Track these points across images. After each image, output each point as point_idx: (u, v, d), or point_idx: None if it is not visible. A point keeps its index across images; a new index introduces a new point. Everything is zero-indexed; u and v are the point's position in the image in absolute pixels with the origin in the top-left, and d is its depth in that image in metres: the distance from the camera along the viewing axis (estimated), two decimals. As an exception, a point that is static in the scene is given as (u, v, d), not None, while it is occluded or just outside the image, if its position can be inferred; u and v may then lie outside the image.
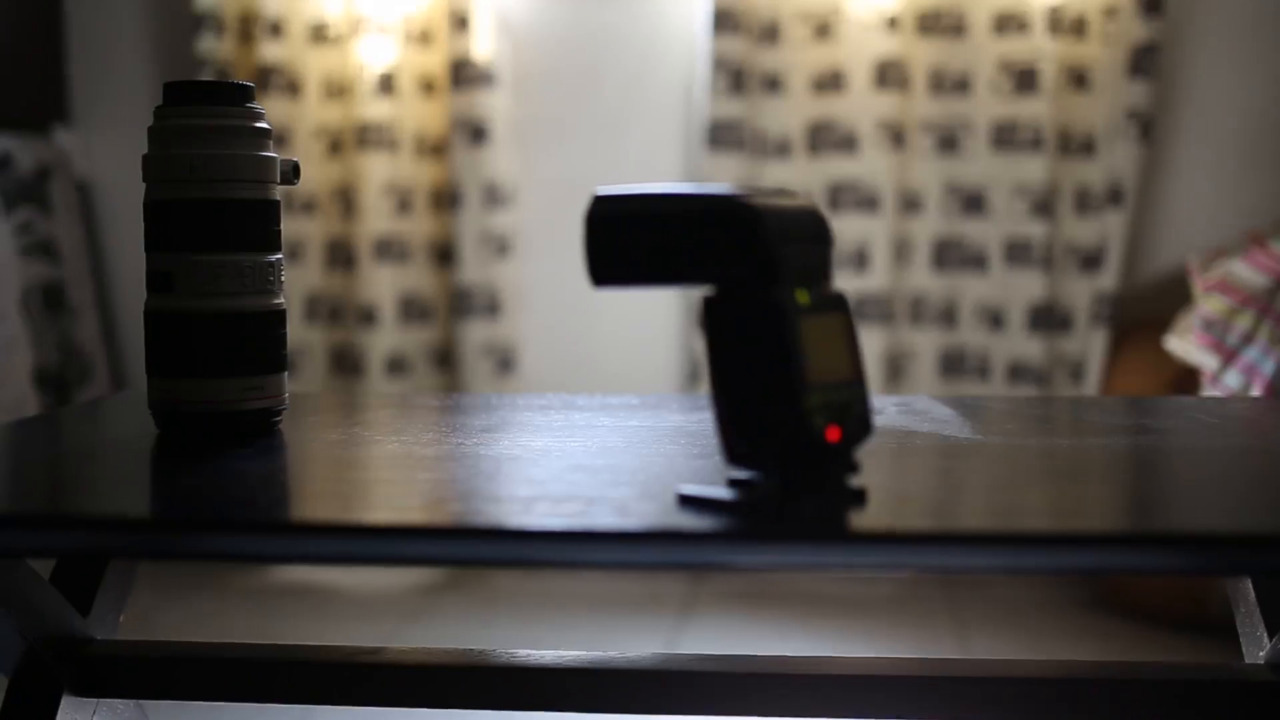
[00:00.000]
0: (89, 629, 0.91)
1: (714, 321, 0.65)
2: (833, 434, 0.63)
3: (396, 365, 2.45)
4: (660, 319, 2.49)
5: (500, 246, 2.45)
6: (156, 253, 0.88)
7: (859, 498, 0.66)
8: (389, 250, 2.44)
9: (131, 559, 0.97)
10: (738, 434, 0.65)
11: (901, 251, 2.38)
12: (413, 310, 2.47)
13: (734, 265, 0.63)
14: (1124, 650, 2.00)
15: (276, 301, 0.90)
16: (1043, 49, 2.31)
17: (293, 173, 0.93)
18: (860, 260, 2.37)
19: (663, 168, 2.48)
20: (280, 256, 0.91)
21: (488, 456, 0.80)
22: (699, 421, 0.95)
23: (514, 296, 2.48)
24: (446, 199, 2.45)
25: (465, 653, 0.92)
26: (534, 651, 0.92)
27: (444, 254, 2.48)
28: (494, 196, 2.43)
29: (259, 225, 0.89)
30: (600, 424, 0.93)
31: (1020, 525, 0.64)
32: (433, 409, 1.02)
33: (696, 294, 2.42)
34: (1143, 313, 2.37)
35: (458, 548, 0.62)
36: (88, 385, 2.52)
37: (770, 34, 2.36)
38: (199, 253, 0.87)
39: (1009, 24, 2.32)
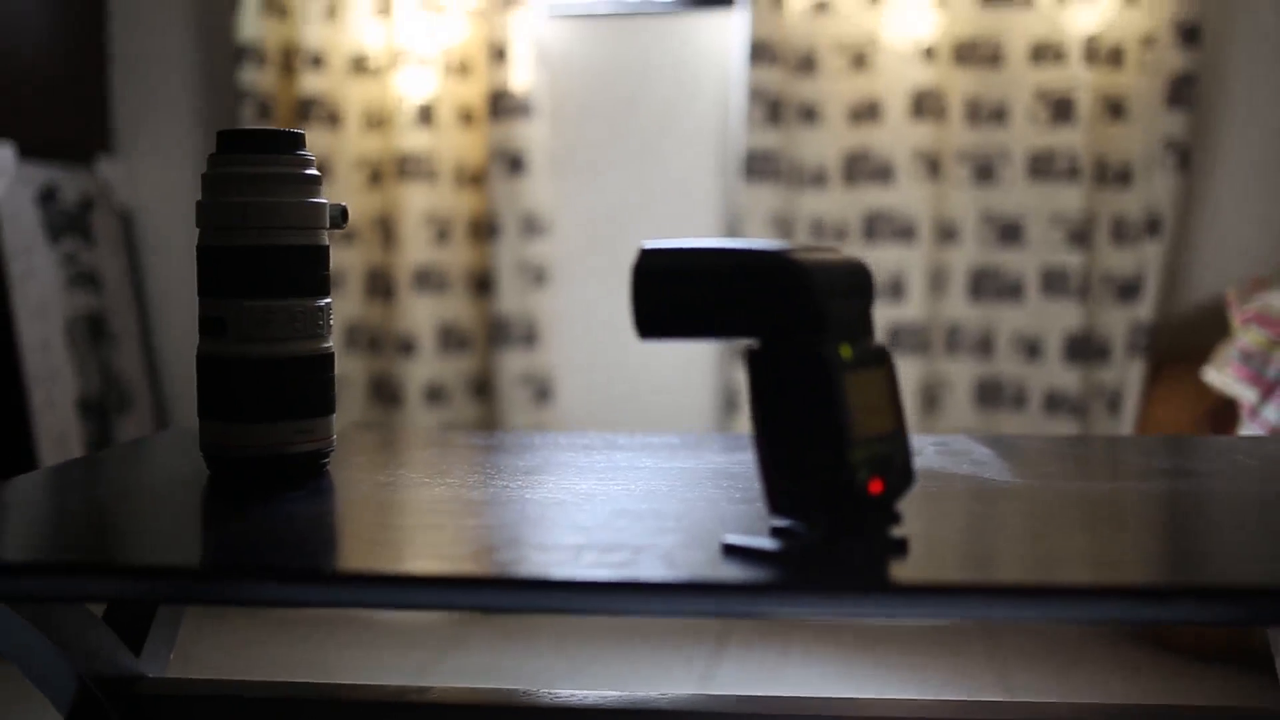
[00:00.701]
0: (140, 667, 0.92)
1: (758, 374, 0.66)
2: (875, 486, 0.64)
3: (435, 395, 2.47)
4: (697, 350, 2.50)
5: (537, 276, 2.46)
6: (208, 298, 0.90)
7: (900, 547, 0.67)
8: (428, 280, 2.46)
9: (183, 604, 0.99)
10: (782, 485, 0.66)
11: (937, 281, 2.38)
12: (451, 340, 2.49)
13: (780, 320, 0.64)
14: (1162, 685, 1.99)
15: (325, 345, 0.92)
16: (1079, 78, 2.31)
17: (341, 217, 0.95)
18: (896, 290, 2.38)
19: (699, 198, 2.49)
20: (329, 301, 0.93)
21: (533, 500, 0.81)
22: (739, 463, 0.96)
23: (551, 326, 2.50)
24: (485, 229, 2.47)
25: (510, 693, 0.93)
26: (577, 692, 0.93)
27: (482, 283, 2.50)
28: (532, 226, 2.45)
29: (309, 270, 0.91)
30: (642, 465, 0.94)
31: (1057, 577, 0.65)
32: (476, 449, 1.03)
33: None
34: (1180, 343, 2.37)
35: (505, 598, 0.63)
36: (129, 414, 2.55)
37: (807, 65, 2.37)
38: (250, 298, 0.89)
39: (1045, 53, 2.32)
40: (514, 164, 2.43)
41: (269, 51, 2.46)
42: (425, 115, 2.44)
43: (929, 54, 2.33)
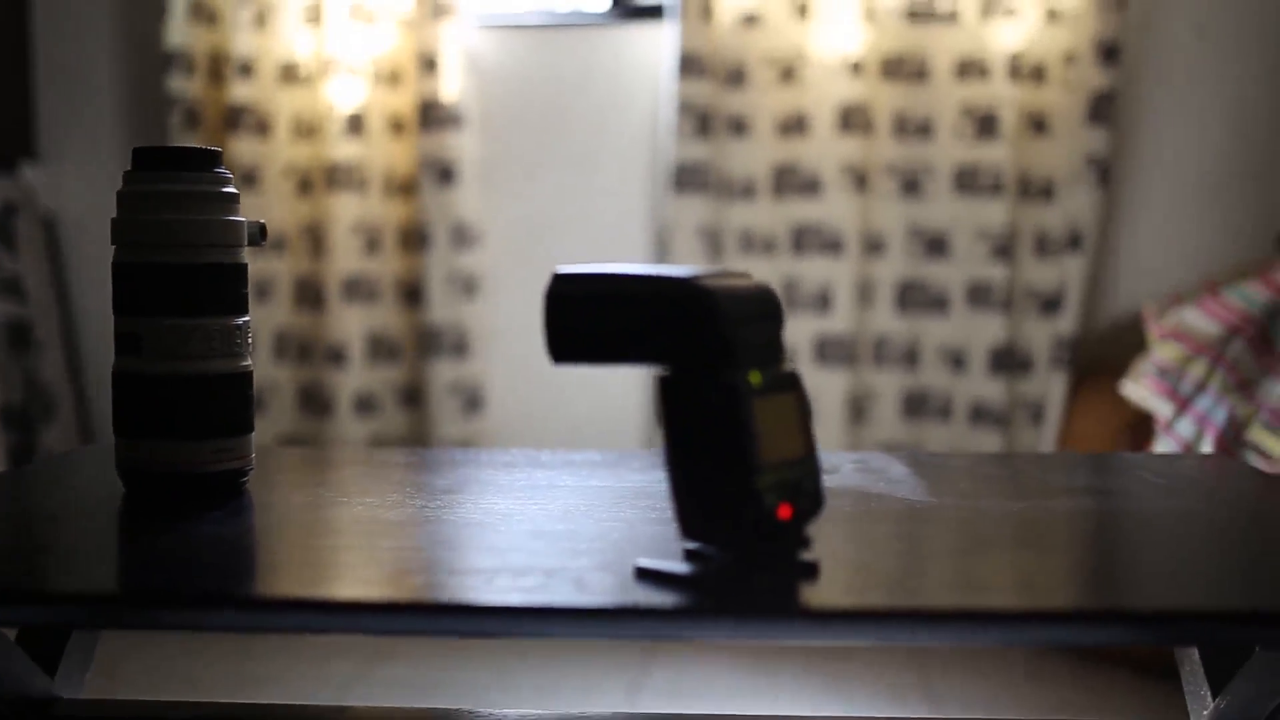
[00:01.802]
0: (56, 688, 0.91)
1: (669, 400, 0.66)
2: (784, 512, 0.65)
3: (365, 404, 2.46)
4: (627, 358, 2.51)
5: (468, 286, 2.46)
6: (124, 315, 0.89)
7: (810, 571, 0.68)
8: (358, 289, 2.45)
9: (99, 629, 0.98)
10: (692, 510, 0.67)
11: (865, 293, 2.41)
12: (381, 349, 2.48)
13: (689, 347, 0.65)
14: (1087, 695, 2.02)
15: (244, 364, 0.92)
16: (1003, 95, 2.35)
17: (260, 234, 0.95)
18: (824, 302, 2.40)
19: (629, 209, 2.50)
20: (248, 319, 0.92)
21: (450, 521, 0.81)
22: (658, 482, 0.96)
23: (481, 336, 2.50)
24: (415, 238, 2.47)
25: (433, 712, 0.93)
26: (504, 711, 0.94)
27: (412, 293, 2.49)
28: (462, 236, 2.45)
29: (228, 289, 0.90)
30: (562, 483, 0.95)
31: (971, 600, 0.66)
32: (397, 466, 1.03)
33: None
34: (1101, 357, 2.41)
35: (419, 623, 0.63)
36: (53, 423, 2.52)
37: (736, 78, 2.39)
38: (168, 316, 0.88)
39: (970, 70, 2.36)
40: (444, 174, 2.42)
41: (197, 59, 2.44)
42: (355, 124, 2.44)
43: (856, 68, 2.36)
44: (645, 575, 0.68)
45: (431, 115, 2.42)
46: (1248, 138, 2.40)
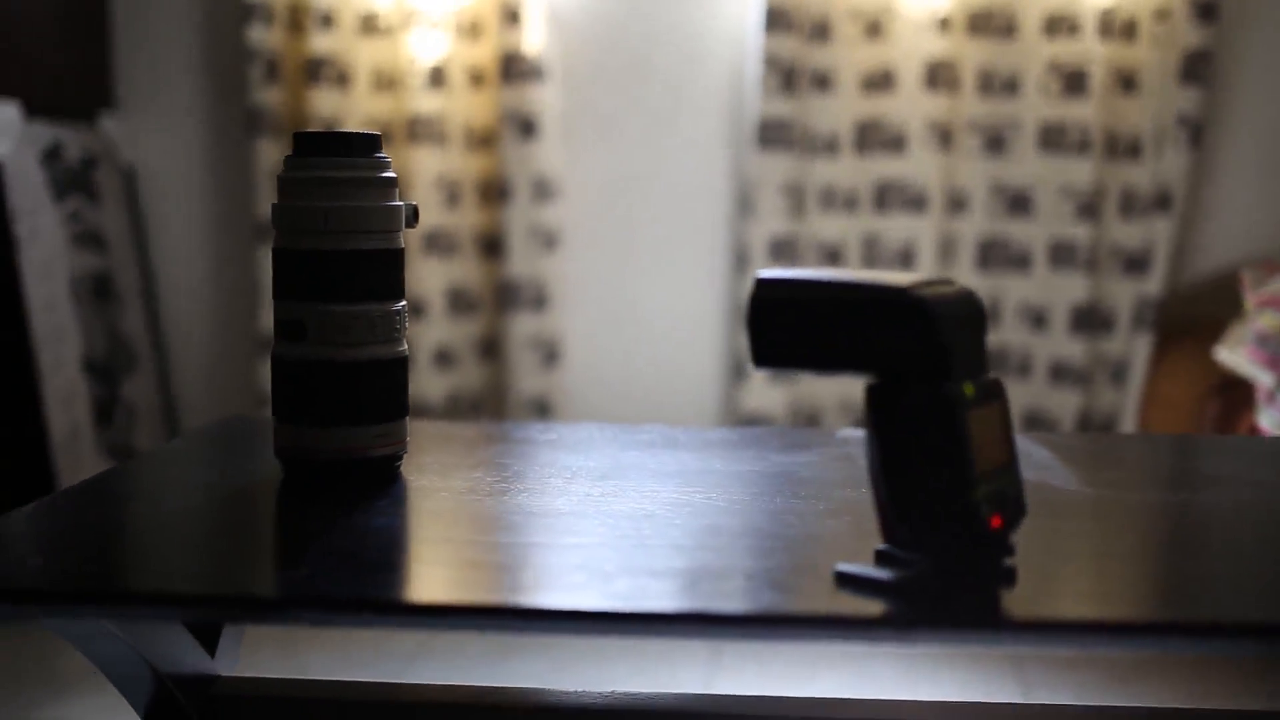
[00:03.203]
0: (215, 667, 0.93)
1: (879, 409, 0.66)
2: (996, 522, 0.65)
3: (444, 357, 2.47)
4: (705, 315, 2.51)
5: (548, 240, 2.46)
6: (286, 300, 0.89)
7: (1010, 577, 0.68)
8: (437, 243, 2.45)
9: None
10: (901, 519, 0.66)
11: (947, 251, 2.39)
12: (460, 302, 2.48)
13: (903, 357, 0.65)
14: (1189, 685, 2.02)
15: (401, 349, 0.92)
16: (1092, 51, 2.31)
17: (413, 216, 0.94)
18: (906, 259, 2.38)
19: (709, 164, 2.49)
20: (404, 304, 0.92)
21: (622, 514, 0.81)
22: (804, 464, 0.96)
23: (560, 290, 2.50)
24: (495, 192, 2.46)
25: (504, 691, 0.94)
26: (569, 690, 0.95)
27: (491, 246, 2.49)
28: (542, 190, 2.44)
29: (387, 275, 0.90)
30: (713, 468, 0.95)
31: (1175, 611, 0.66)
32: (540, 444, 1.04)
33: (746, 290, 2.43)
34: (1187, 318, 2.39)
35: (636, 628, 0.64)
36: (134, 375, 2.54)
37: (821, 32, 2.37)
38: (330, 303, 0.88)
39: (1059, 26, 2.32)
40: (525, 127, 2.41)
41: (276, 9, 2.43)
42: (436, 77, 2.42)
43: (944, 24, 2.33)
44: (847, 580, 0.68)
45: (513, 68, 2.40)
46: (1341, 96, 2.36)
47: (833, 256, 2.41)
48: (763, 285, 0.68)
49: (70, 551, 0.72)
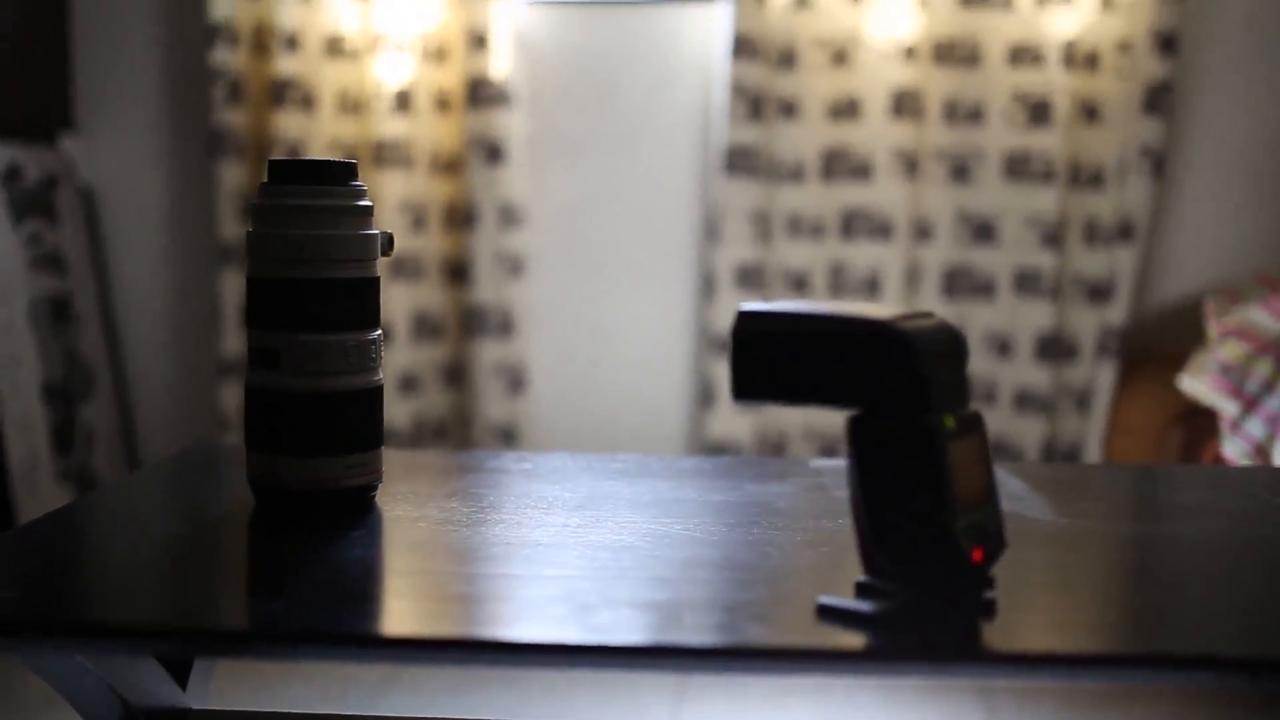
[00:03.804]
0: (186, 700, 0.91)
1: (860, 441, 0.66)
2: (977, 555, 0.65)
3: (408, 383, 2.46)
4: (672, 341, 2.51)
5: (514, 266, 2.45)
6: (261, 329, 0.89)
7: (990, 609, 0.68)
8: (403, 268, 2.44)
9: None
10: (882, 551, 0.66)
11: (912, 279, 2.41)
12: (425, 328, 2.47)
13: (884, 390, 0.65)
14: (1162, 715, 2.03)
15: (376, 378, 0.91)
16: (1056, 82, 2.33)
17: (388, 244, 0.94)
18: (872, 287, 2.39)
19: (677, 191, 2.49)
20: (380, 333, 0.92)
21: (601, 544, 0.81)
22: (779, 495, 0.96)
23: (527, 316, 2.49)
24: (461, 217, 2.46)
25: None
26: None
27: (457, 272, 2.48)
28: (508, 216, 2.44)
29: (363, 304, 0.90)
30: (687, 496, 0.95)
31: (1152, 643, 0.66)
32: (513, 474, 1.03)
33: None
34: (1151, 346, 2.41)
35: (612, 662, 0.63)
36: (92, 398, 2.51)
37: (788, 60, 2.38)
38: (305, 332, 0.88)
39: (1023, 56, 2.35)
40: (492, 153, 2.41)
41: (241, 31, 2.42)
42: (402, 101, 2.42)
43: (909, 53, 2.35)
44: (828, 613, 0.68)
45: (480, 93, 2.40)
46: (1299, 128, 2.39)
47: (799, 284, 2.42)
48: (745, 318, 0.68)
49: (41, 584, 0.71)
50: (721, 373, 2.41)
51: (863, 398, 0.66)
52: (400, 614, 0.70)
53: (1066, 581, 0.77)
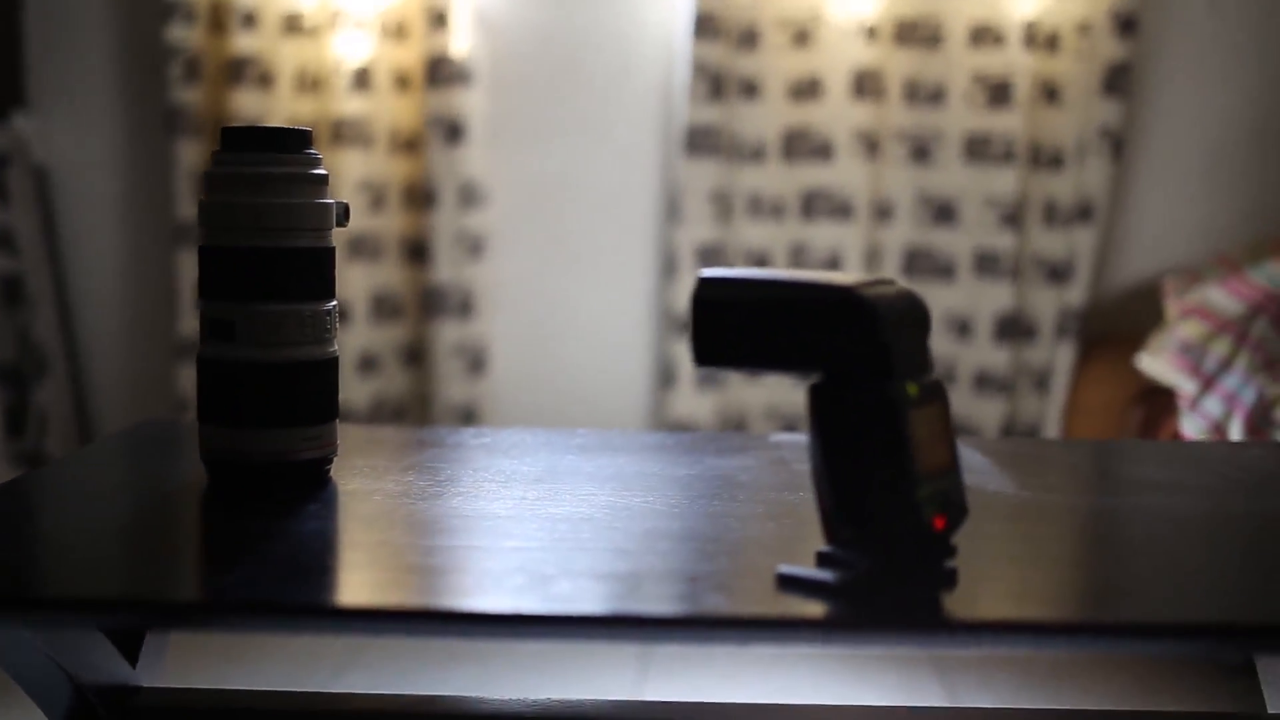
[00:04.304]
0: (137, 678, 0.90)
1: (820, 408, 0.66)
2: (939, 523, 0.65)
3: (367, 364, 2.44)
4: (633, 321, 2.50)
5: (474, 246, 2.44)
6: (214, 300, 0.87)
7: (951, 579, 0.68)
8: (362, 247, 2.42)
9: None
10: (843, 518, 0.66)
11: (873, 259, 2.41)
12: (384, 308, 2.45)
13: (846, 357, 0.64)
14: (1110, 685, 2.04)
15: (331, 350, 0.90)
16: (1017, 63, 2.34)
17: (344, 215, 0.93)
18: (832, 267, 2.39)
19: (638, 170, 2.48)
20: (335, 303, 0.90)
21: (560, 517, 0.80)
22: (742, 468, 0.96)
23: (487, 296, 2.48)
24: (421, 197, 2.44)
25: (436, 700, 0.92)
26: (494, 699, 0.93)
27: (417, 251, 2.46)
28: (469, 196, 2.42)
29: (318, 274, 0.88)
30: (650, 470, 0.94)
31: (1109, 611, 0.66)
32: (471, 448, 1.02)
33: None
34: (1110, 327, 2.42)
35: (576, 633, 0.62)
36: (46, 380, 2.48)
37: (749, 40, 2.37)
38: (260, 302, 0.86)
39: (984, 37, 2.35)
40: (452, 131, 2.39)
41: (198, 7, 2.39)
42: (361, 79, 2.39)
43: (871, 33, 2.34)
44: (789, 583, 0.67)
45: (440, 71, 2.38)
46: (1263, 112, 2.41)
47: (760, 264, 2.41)
48: (705, 284, 0.68)
49: (-13, 557, 0.70)
50: (683, 353, 2.40)
51: (824, 364, 0.65)
52: (357, 585, 0.69)
53: (1028, 553, 0.77)
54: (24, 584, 0.66)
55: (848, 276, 0.66)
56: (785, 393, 2.43)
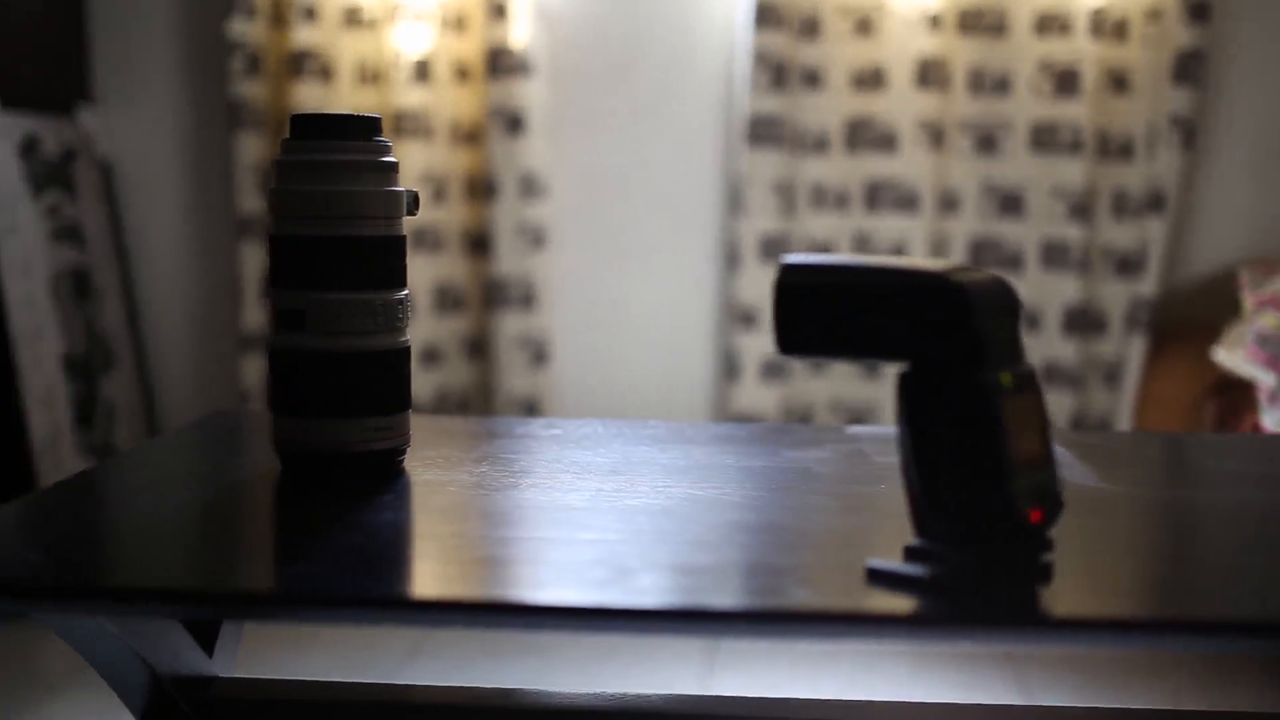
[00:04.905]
0: (212, 668, 0.90)
1: (910, 397, 0.64)
2: (1035, 516, 0.63)
3: (430, 355, 2.44)
4: (695, 313, 2.48)
5: (535, 237, 2.43)
6: (285, 289, 0.86)
7: (1046, 573, 0.66)
8: (424, 239, 2.42)
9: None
10: (934, 510, 0.64)
11: (938, 251, 2.38)
12: (447, 300, 2.45)
13: (938, 344, 0.63)
14: (1190, 687, 2.00)
15: (403, 339, 0.89)
16: (1084, 51, 2.30)
17: (414, 203, 0.92)
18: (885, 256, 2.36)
19: (699, 161, 2.46)
20: (407, 292, 0.89)
21: (638, 508, 0.79)
22: (818, 460, 0.94)
23: (549, 288, 2.47)
24: (481, 188, 2.43)
25: (492, 692, 0.91)
26: (560, 691, 0.92)
27: (478, 243, 2.46)
28: (530, 187, 2.41)
29: (389, 262, 0.87)
30: (725, 462, 0.93)
31: (1207, 608, 0.64)
32: (542, 439, 1.01)
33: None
34: (1181, 319, 2.38)
35: (662, 626, 0.61)
36: (113, 372, 2.50)
37: (811, 29, 2.34)
38: (331, 291, 0.85)
39: (1051, 25, 2.31)
40: (512, 123, 2.38)
41: (260, 2, 2.40)
42: (421, 71, 2.39)
43: (934, 22, 2.31)
44: (878, 577, 0.65)
45: (500, 63, 2.37)
46: (1332, 97, 2.35)
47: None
48: (789, 270, 0.66)
49: (67, 548, 0.69)
50: (746, 344, 2.38)
51: (914, 352, 0.63)
52: (434, 577, 0.68)
53: (1115, 547, 0.75)
54: (104, 574, 0.65)
55: (935, 262, 0.64)
56: (850, 385, 2.40)
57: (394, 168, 0.88)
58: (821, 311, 0.65)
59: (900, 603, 0.62)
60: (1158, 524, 0.80)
